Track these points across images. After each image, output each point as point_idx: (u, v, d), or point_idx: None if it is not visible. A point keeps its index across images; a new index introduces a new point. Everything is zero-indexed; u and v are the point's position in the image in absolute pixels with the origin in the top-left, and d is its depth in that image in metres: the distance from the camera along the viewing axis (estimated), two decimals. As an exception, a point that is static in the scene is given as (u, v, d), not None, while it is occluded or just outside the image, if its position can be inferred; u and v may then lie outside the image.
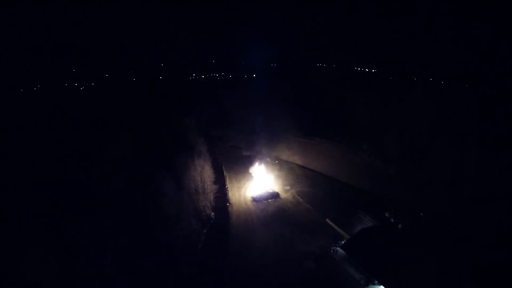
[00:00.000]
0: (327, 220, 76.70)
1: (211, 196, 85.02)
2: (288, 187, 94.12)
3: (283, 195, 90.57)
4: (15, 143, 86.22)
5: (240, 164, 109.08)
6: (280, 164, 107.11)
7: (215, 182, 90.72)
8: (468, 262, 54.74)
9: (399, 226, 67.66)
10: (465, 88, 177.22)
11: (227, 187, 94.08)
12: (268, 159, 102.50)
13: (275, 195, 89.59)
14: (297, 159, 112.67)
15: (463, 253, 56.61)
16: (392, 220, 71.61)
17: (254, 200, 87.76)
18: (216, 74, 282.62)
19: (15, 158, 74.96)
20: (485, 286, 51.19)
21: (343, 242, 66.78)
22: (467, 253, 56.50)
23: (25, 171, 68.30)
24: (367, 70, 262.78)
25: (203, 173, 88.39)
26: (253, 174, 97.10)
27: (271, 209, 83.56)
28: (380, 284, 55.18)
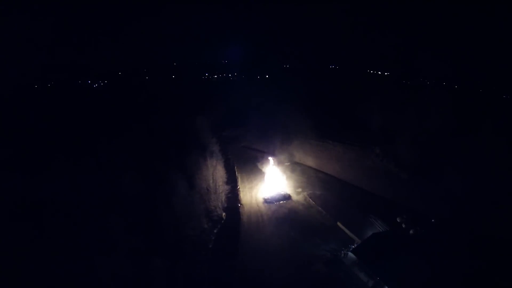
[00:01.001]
0: (339, 223, 76.40)
1: (222, 196, 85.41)
2: (300, 190, 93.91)
3: (294, 197, 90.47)
4: (31, 140, 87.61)
5: (252, 165, 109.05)
6: (292, 166, 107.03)
7: (227, 183, 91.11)
8: (480, 269, 54.17)
9: (411, 231, 67.25)
10: (480, 93, 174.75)
11: (239, 188, 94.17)
12: (281, 161, 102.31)
13: (286, 197, 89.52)
14: (309, 162, 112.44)
15: (475, 260, 56.02)
16: (403, 226, 71.12)
17: (266, 201, 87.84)
18: (229, 74, 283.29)
19: (31, 155, 76.29)
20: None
21: (354, 246, 66.57)
22: (479, 260, 55.91)
23: (38, 168, 69.43)
24: (379, 73, 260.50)
25: (215, 173, 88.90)
26: (265, 175, 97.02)
27: (282, 211, 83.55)
28: (390, 289, 54.93)
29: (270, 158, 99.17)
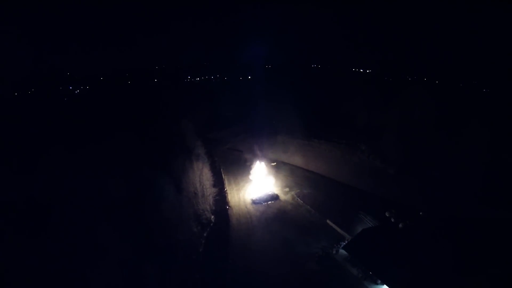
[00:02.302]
0: (328, 221, 76.50)
1: (210, 199, 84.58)
2: (287, 189, 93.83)
3: (283, 197, 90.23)
4: (12, 147, 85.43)
5: (238, 166, 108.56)
6: (278, 166, 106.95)
7: (214, 185, 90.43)
8: (468, 261, 54.81)
9: (400, 225, 67.79)
10: (462, 87, 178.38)
11: (226, 190, 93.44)
12: (267, 161, 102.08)
13: (274, 197, 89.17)
14: (295, 161, 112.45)
15: (464, 252, 56.69)
16: (392, 220, 71.74)
17: (254, 202, 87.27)
18: (211, 76, 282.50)
19: (13, 162, 74.23)
20: (486, 284, 51.33)
21: (344, 243, 66.70)
22: (467, 252, 56.59)
23: (22, 174, 67.56)
24: (361, 70, 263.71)
25: (201, 176, 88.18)
26: (252, 177, 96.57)
27: (271, 211, 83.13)
28: (383, 283, 55.14)
29: (256, 159, 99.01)
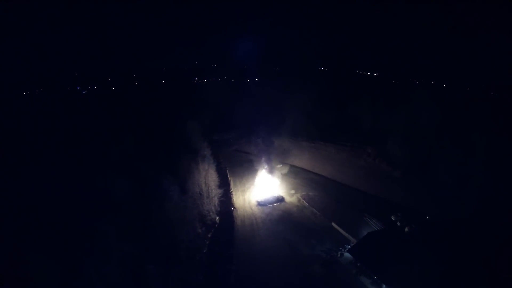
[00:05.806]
0: (333, 224, 76.07)
1: (215, 200, 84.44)
2: (293, 191, 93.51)
3: (288, 199, 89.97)
4: (20, 146, 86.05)
5: (244, 167, 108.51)
6: (284, 168, 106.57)
7: (219, 186, 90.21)
8: (474, 264, 54.29)
9: (406, 229, 67.16)
10: (468, 91, 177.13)
11: (232, 191, 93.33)
12: (273, 163, 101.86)
13: (280, 199, 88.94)
14: (301, 163, 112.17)
15: (470, 256, 56.20)
16: (398, 224, 71.11)
17: (259, 204, 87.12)
18: (218, 78, 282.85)
19: (20, 161, 74.80)
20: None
21: (349, 246, 66.26)
22: (473, 256, 56.09)
23: (29, 174, 68.02)
24: (369, 74, 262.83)
25: (207, 177, 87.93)
26: (257, 178, 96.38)
27: (276, 213, 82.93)
28: (388, 287, 54.72)
29: (262, 161, 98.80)
